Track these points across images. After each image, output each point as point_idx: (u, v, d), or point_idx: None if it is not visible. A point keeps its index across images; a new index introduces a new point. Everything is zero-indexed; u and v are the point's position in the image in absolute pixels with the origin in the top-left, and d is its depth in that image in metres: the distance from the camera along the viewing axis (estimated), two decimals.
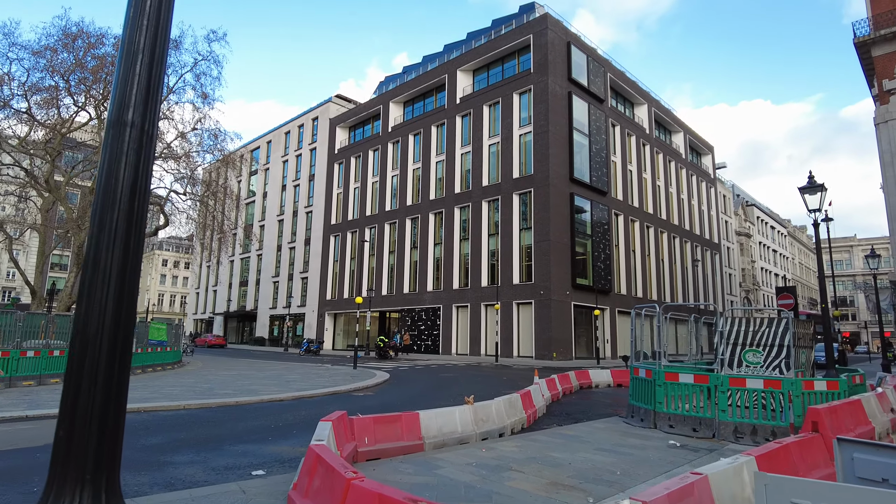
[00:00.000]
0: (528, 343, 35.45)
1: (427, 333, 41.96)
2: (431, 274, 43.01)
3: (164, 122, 29.51)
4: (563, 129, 37.63)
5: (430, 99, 46.89)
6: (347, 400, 13.36)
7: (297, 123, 61.36)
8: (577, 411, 11.72)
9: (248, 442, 7.90)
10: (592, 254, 38.26)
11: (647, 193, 47.67)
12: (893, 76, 23.67)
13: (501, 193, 38.46)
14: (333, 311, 51.48)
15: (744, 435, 8.09)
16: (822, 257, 11.77)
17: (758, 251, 77.03)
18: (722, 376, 8.49)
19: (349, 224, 51.59)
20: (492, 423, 7.94)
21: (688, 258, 52.91)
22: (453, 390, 15.71)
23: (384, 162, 48.91)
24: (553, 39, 38.14)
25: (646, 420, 9.22)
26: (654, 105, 51.59)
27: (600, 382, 17.89)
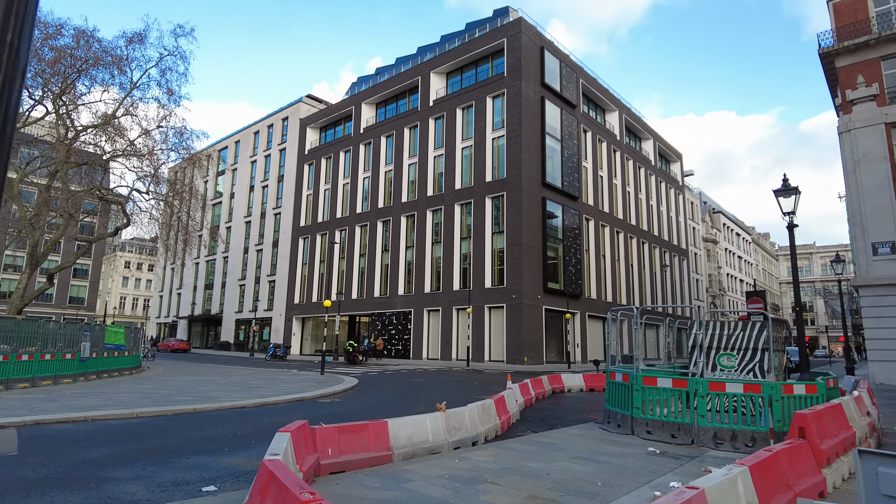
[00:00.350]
0: (499, 347, 35.20)
1: (398, 338, 41.35)
2: (403, 277, 42.48)
3: (128, 118, 28.42)
4: (535, 133, 37.62)
5: (403, 101, 46.44)
6: (313, 407, 12.78)
7: (267, 123, 60.17)
8: (552, 417, 11.40)
9: (202, 453, 7.31)
10: (564, 258, 38.30)
11: (617, 199, 48.09)
12: (856, 87, 24.23)
13: (474, 197, 38.22)
14: (301, 316, 50.42)
15: (723, 441, 7.87)
16: (795, 260, 11.76)
17: (724, 257, 78.68)
18: (701, 380, 8.27)
19: (319, 226, 50.67)
20: (465, 430, 7.53)
21: (656, 263, 53.56)
22: (424, 396, 15.26)
23: (355, 163, 48.21)
24: (527, 44, 38.16)
25: (623, 426, 8.94)
26: (625, 112, 52.18)
27: (573, 387, 17.67)
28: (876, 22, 24.55)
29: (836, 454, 6.08)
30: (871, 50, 24.13)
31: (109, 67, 26.34)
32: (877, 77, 23.99)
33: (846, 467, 6.34)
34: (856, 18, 25.02)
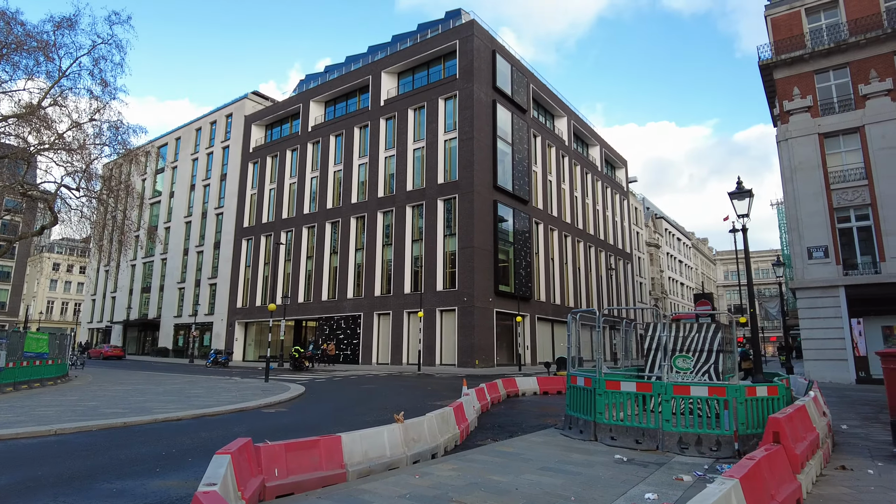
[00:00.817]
0: (450, 351, 34.84)
1: (346, 343, 40.33)
2: (352, 280, 41.50)
3: (55, 108, 26.39)
4: (487, 136, 37.58)
5: (353, 100, 45.51)
6: (257, 417, 11.95)
7: (210, 120, 57.73)
8: (510, 423, 11.05)
9: (129, 476, 6.49)
10: (514, 261, 38.38)
11: (565, 203, 48.74)
12: (792, 98, 25.29)
13: (426, 199, 37.76)
14: (244, 320, 48.49)
15: (688, 445, 7.69)
16: (749, 263, 11.90)
17: (665, 261, 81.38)
18: (666, 384, 8.08)
19: (263, 227, 48.94)
20: (424, 442, 7.03)
21: (602, 267, 54.66)
22: (376, 403, 14.64)
23: (303, 163, 46.86)
24: (479, 46, 38.10)
25: (585, 432, 8.66)
26: (574, 119, 53.06)
27: (527, 390, 17.45)
28: (809, 37, 25.73)
29: (806, 458, 5.95)
30: (805, 64, 25.25)
31: (34, 53, 24.36)
32: (811, 90, 25.11)
33: (814, 471, 6.23)
34: (791, 33, 26.14)
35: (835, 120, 24.35)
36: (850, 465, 6.98)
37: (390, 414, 12.02)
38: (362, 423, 10.86)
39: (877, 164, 23.10)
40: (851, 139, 24.08)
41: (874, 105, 23.62)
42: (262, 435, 9.36)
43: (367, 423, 10.64)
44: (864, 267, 23.12)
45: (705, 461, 7.19)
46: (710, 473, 6.43)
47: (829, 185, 23.76)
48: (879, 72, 23.88)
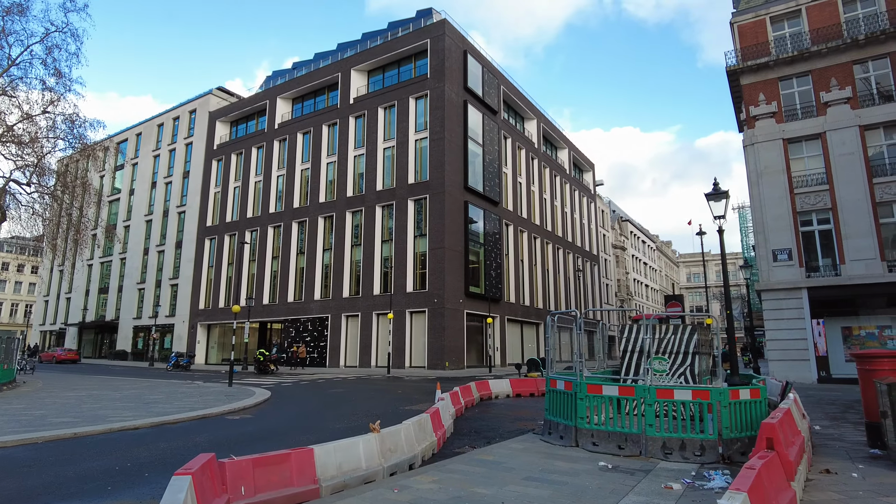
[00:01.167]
0: (420, 353, 34.41)
1: (313, 345, 39.47)
2: (319, 282, 40.66)
3: (3, 98, 24.97)
4: (458, 136, 37.33)
5: (322, 97, 44.67)
6: (220, 425, 11.32)
7: (173, 115, 55.89)
8: (487, 428, 10.73)
9: (75, 496, 5.90)
10: (485, 262, 38.21)
11: (534, 205, 48.89)
12: (758, 104, 25.80)
13: (396, 199, 37.26)
14: (207, 322, 47.04)
15: (672, 450, 7.50)
16: (725, 264, 11.88)
17: (631, 263, 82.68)
18: (650, 388, 7.89)
19: (227, 226, 47.59)
20: (401, 452, 6.64)
21: (570, 268, 55.08)
22: (346, 409, 14.13)
23: (269, 160, 45.75)
24: (450, 46, 37.84)
25: (566, 437, 8.40)
26: (543, 121, 53.31)
27: (500, 393, 17.20)
28: (774, 45, 26.32)
29: (797, 463, 5.79)
30: (770, 70, 25.79)
31: None
32: (775, 96, 25.66)
33: (803, 476, 6.09)
34: (757, 41, 26.69)
35: (798, 126, 24.92)
36: (834, 469, 6.90)
37: (361, 420, 11.57)
38: (332, 430, 10.39)
39: (837, 170, 23.73)
40: (813, 145, 24.69)
41: (834, 112, 24.27)
42: (226, 445, 8.80)
43: (338, 431, 10.19)
44: (825, 269, 23.70)
45: (690, 467, 7.01)
46: (699, 481, 6.23)
47: (793, 189, 24.29)
48: (839, 80, 24.56)
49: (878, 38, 23.90)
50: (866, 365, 8.89)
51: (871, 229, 22.86)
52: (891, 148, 23.53)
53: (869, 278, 22.56)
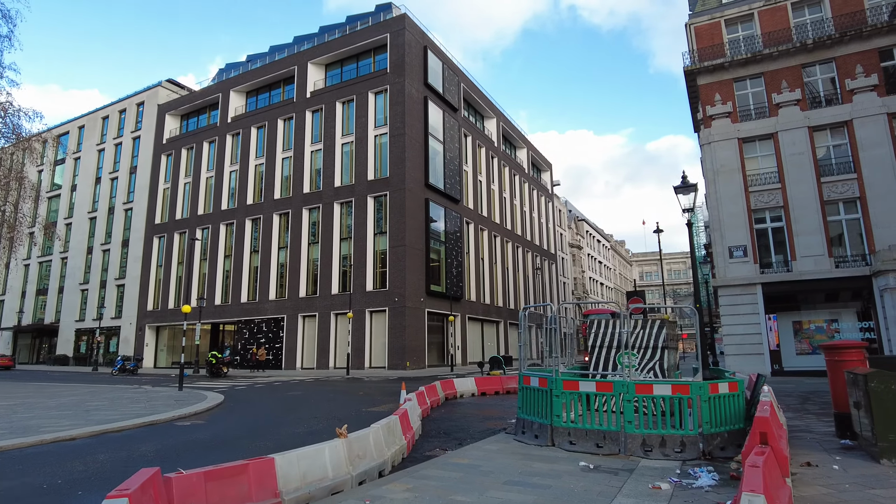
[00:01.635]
0: (380, 353, 33.72)
1: (268, 347, 38.17)
2: (275, 281, 39.39)
3: None
4: (419, 133, 36.81)
5: (278, 91, 43.33)
6: (169, 433, 10.47)
7: (119, 108, 53.17)
8: (456, 429, 10.29)
9: None
10: (446, 261, 37.83)
11: (494, 204, 48.84)
12: (714, 103, 26.34)
13: (355, 195, 36.42)
14: (156, 324, 44.94)
15: (652, 448, 7.24)
16: (695, 260, 11.81)
17: (587, 262, 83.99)
18: (628, 383, 7.61)
19: (177, 224, 45.59)
20: (370, 458, 6.11)
21: (529, 267, 55.35)
22: (305, 412, 13.43)
23: (221, 156, 44.06)
24: (410, 41, 37.28)
25: (541, 436, 8.05)
26: (503, 120, 53.37)
27: (465, 392, 16.81)
28: (728, 47, 26.94)
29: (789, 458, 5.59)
30: (725, 71, 26.37)
31: None
32: (730, 96, 26.25)
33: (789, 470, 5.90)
34: (713, 42, 27.25)
35: (752, 126, 25.56)
36: (814, 462, 6.77)
37: (323, 424, 10.94)
38: (292, 435, 9.73)
39: (788, 169, 24.44)
40: (766, 145, 25.36)
41: (785, 113, 24.99)
42: (175, 455, 8.05)
43: (298, 436, 9.54)
44: (777, 266, 24.36)
45: (673, 464, 6.75)
46: (685, 479, 5.96)
47: (748, 187, 24.88)
48: (789, 82, 25.31)
49: (825, 43, 24.74)
50: (835, 356, 8.89)
51: (819, 227, 23.64)
52: (836, 149, 24.39)
53: (817, 274, 23.32)
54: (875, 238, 22.71)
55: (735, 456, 7.11)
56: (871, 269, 22.18)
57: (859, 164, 23.48)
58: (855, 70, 24.32)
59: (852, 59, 24.48)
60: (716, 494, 5.38)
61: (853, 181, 23.51)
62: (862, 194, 23.27)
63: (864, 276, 22.52)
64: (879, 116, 23.54)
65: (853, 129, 23.86)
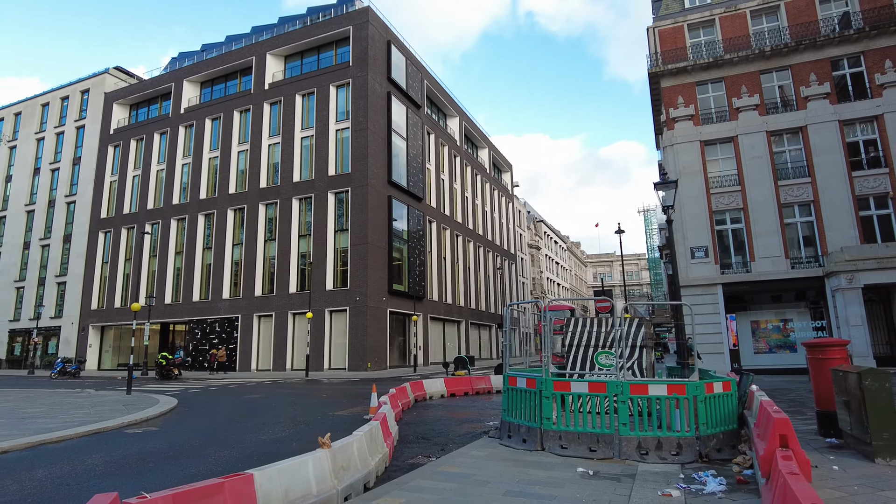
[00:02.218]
0: (340, 354, 32.80)
1: (221, 347, 36.58)
2: (229, 279, 37.82)
3: None
4: (382, 128, 36.05)
5: (234, 82, 41.69)
6: (118, 441, 9.52)
7: (61, 94, 50.08)
8: (434, 433, 9.76)
9: None
10: (409, 259, 37.19)
11: (456, 203, 48.50)
12: (677, 106, 26.72)
13: (315, 191, 35.33)
14: (101, 324, 42.49)
15: (648, 451, 6.92)
16: (675, 257, 11.66)
17: (545, 263, 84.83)
18: (623, 383, 7.27)
19: (125, 218, 43.26)
20: (354, 469, 5.53)
21: (490, 267, 55.31)
22: (267, 416, 12.62)
23: (174, 148, 42.06)
24: (374, 34, 36.48)
25: (530, 440, 7.63)
26: (465, 119, 53.12)
27: (434, 394, 16.29)
28: (691, 51, 27.42)
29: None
30: (688, 75, 26.80)
31: None
32: (693, 99, 26.69)
33: None
34: (676, 45, 27.67)
35: (713, 129, 26.06)
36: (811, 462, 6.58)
37: (289, 430, 10.22)
38: (257, 442, 9.00)
39: (748, 172, 25.01)
40: (727, 148, 25.89)
41: (745, 118, 25.58)
42: (128, 468, 7.22)
43: (264, 443, 8.82)
44: (736, 266, 24.89)
45: (672, 468, 6.44)
46: (692, 485, 5.63)
47: (710, 189, 25.32)
48: (749, 88, 25.92)
49: (781, 51, 25.45)
50: (818, 354, 8.83)
51: (777, 229, 24.27)
52: (792, 153, 25.12)
53: (775, 275, 23.94)
54: (827, 240, 23.47)
55: (733, 458, 6.88)
56: (825, 271, 22.91)
57: (813, 168, 24.23)
58: (809, 78, 25.10)
59: (806, 67, 25.27)
60: (730, 501, 5.06)
61: (808, 185, 24.24)
62: (816, 198, 24.02)
63: (817, 276, 23.24)
64: (831, 123, 24.36)
65: (808, 135, 24.61)
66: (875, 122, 24.00)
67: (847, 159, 23.89)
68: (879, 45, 24.41)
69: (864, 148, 24.17)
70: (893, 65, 24.04)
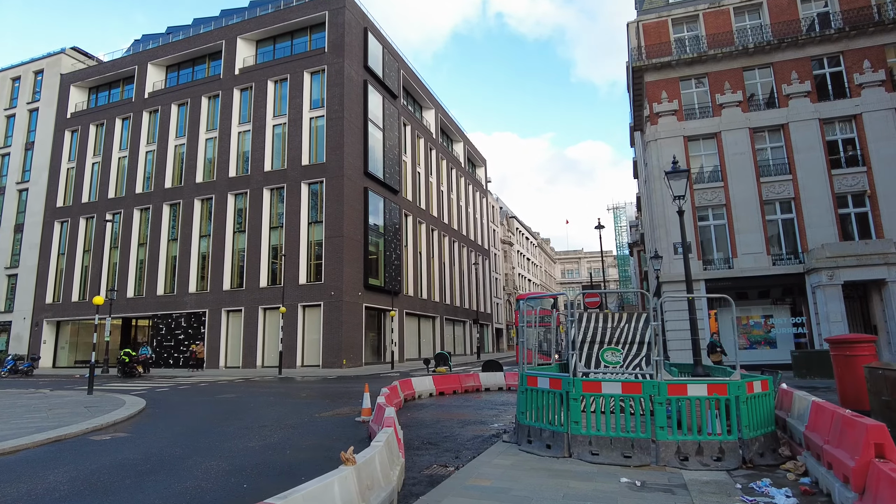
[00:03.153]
0: (314, 350, 31.67)
1: (187, 344, 34.99)
2: (195, 272, 36.16)
3: None
4: (358, 117, 34.94)
5: (202, 66, 39.84)
6: (85, 451, 8.44)
7: (11, 75, 47.13)
8: (438, 437, 9.01)
9: None
10: (385, 253, 36.23)
11: (432, 197, 47.70)
12: (661, 101, 26.52)
13: (288, 181, 34.01)
14: (56, 319, 40.18)
15: (688, 457, 6.34)
16: (686, 249, 11.18)
17: (517, 259, 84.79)
18: (659, 383, 6.68)
19: (83, 208, 40.98)
20: (378, 487, 4.76)
21: (464, 262, 54.73)
22: (248, 419, 11.65)
23: (137, 134, 40.00)
24: (350, 21, 35.30)
25: (554, 446, 6.97)
26: (441, 112, 52.29)
27: (423, 392, 15.53)
28: (675, 46, 27.25)
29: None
30: (672, 70, 26.63)
31: None
32: (676, 95, 26.53)
33: None
34: (660, 40, 27.46)
35: (697, 124, 25.96)
36: None
37: (277, 435, 9.31)
38: (245, 450, 8.09)
39: (730, 169, 25.00)
40: (710, 143, 25.84)
41: (728, 114, 25.55)
42: (101, 486, 6.24)
43: (254, 451, 7.92)
44: (718, 262, 24.88)
45: (719, 476, 5.88)
46: (758, 497, 5.05)
47: (693, 185, 25.20)
48: (732, 84, 25.90)
49: (764, 49, 25.49)
50: (846, 350, 8.46)
51: (759, 225, 24.33)
52: (774, 150, 25.21)
53: (757, 271, 24.00)
54: (808, 237, 23.63)
55: (777, 463, 6.36)
56: (805, 267, 23.04)
57: (794, 166, 24.36)
58: (790, 76, 25.21)
59: (788, 65, 25.38)
60: None
61: (789, 182, 24.35)
62: (797, 195, 24.14)
63: (797, 273, 23.37)
64: (812, 122, 24.52)
65: (789, 133, 24.72)
66: (854, 122, 24.25)
67: (827, 157, 24.08)
68: (858, 45, 24.66)
69: (843, 146, 24.42)
70: (872, 65, 24.31)
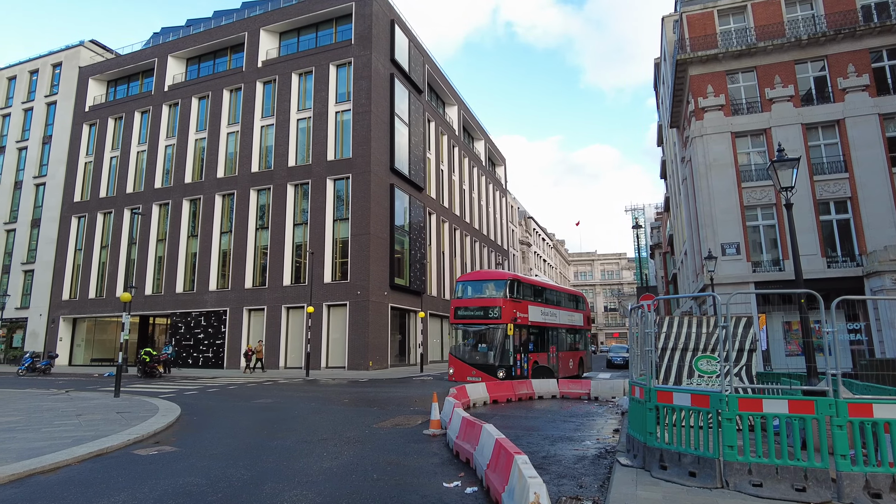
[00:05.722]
0: (339, 351, 30.67)
1: (207, 343, 34.11)
2: (216, 270, 35.27)
3: None
4: (385, 112, 33.93)
5: (223, 59, 38.98)
6: (135, 471, 7.33)
7: (29, 68, 46.50)
8: (534, 457, 7.85)
9: None
10: (410, 252, 35.19)
11: (455, 195, 46.64)
12: (707, 95, 25.32)
13: (313, 177, 33.04)
14: (73, 316, 39.43)
15: (881, 493, 5.22)
16: (796, 245, 10.03)
17: (533, 260, 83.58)
18: (837, 401, 5.54)
19: (101, 203, 40.23)
20: None
21: (484, 262, 53.60)
22: (303, 431, 10.57)
23: (156, 128, 39.19)
24: (377, 12, 34.31)
25: (702, 475, 5.86)
26: (463, 109, 51.25)
27: (477, 400, 14.43)
28: (721, 38, 26.03)
29: None
30: (718, 63, 25.42)
31: None
32: (723, 89, 25.32)
33: None
34: (705, 32, 26.26)
35: (744, 120, 24.74)
36: None
37: (349, 453, 8.14)
38: (324, 473, 7.00)
39: None
40: (758, 140, 24.62)
41: (778, 109, 24.29)
42: None
43: (334, 475, 6.81)
44: (767, 264, 23.64)
45: None
46: None
47: (741, 183, 24.01)
48: (783, 78, 24.64)
49: (818, 41, 24.23)
50: None
51: (812, 226, 23.05)
52: (828, 147, 23.95)
53: (810, 274, 22.62)
54: (867, 239, 22.34)
55: None
56: (864, 270, 21.75)
57: (851, 163, 23.08)
58: (847, 69, 23.92)
59: (844, 57, 24.09)
60: None
61: (845, 181, 23.09)
62: (854, 194, 22.87)
63: (855, 276, 22.08)
64: (871, 117, 23.23)
65: (845, 129, 23.45)
66: None
67: (888, 154, 22.78)
68: None
69: None
70: None
